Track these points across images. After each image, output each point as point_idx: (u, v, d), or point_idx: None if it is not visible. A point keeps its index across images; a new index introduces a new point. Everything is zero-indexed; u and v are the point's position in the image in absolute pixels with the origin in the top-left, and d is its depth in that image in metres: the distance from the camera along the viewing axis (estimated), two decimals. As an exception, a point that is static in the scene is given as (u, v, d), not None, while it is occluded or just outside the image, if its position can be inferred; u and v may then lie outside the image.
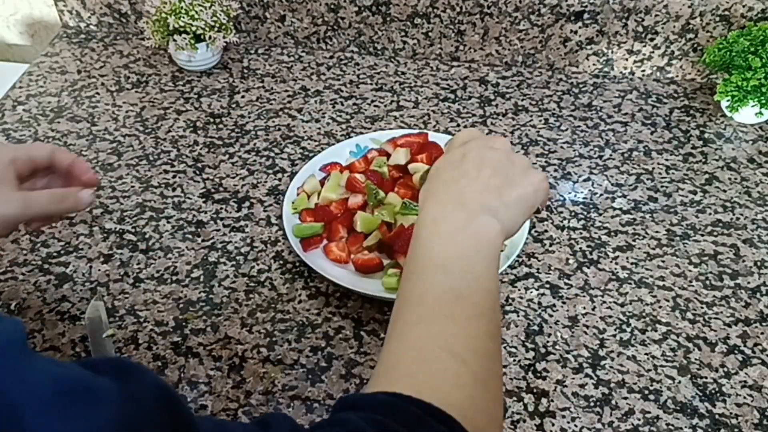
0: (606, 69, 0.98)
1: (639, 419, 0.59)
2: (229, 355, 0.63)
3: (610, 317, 0.67)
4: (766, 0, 0.87)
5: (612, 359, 0.63)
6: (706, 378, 0.62)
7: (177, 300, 0.68)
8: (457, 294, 0.43)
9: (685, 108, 0.93)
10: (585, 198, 0.80)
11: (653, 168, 0.84)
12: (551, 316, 0.67)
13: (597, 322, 0.67)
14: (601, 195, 0.80)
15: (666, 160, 0.85)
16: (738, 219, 0.77)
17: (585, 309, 0.68)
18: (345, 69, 1.00)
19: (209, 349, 0.64)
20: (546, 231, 0.76)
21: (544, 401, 0.60)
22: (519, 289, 0.69)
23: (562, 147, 0.87)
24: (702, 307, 0.68)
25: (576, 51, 0.97)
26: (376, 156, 0.78)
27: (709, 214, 0.78)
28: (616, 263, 0.72)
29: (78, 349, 0.64)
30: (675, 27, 0.92)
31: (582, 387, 0.61)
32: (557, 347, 0.64)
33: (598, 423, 0.59)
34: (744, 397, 0.61)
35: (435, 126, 0.90)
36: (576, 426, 0.58)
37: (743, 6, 0.88)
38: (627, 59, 0.97)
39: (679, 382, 0.62)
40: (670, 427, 0.58)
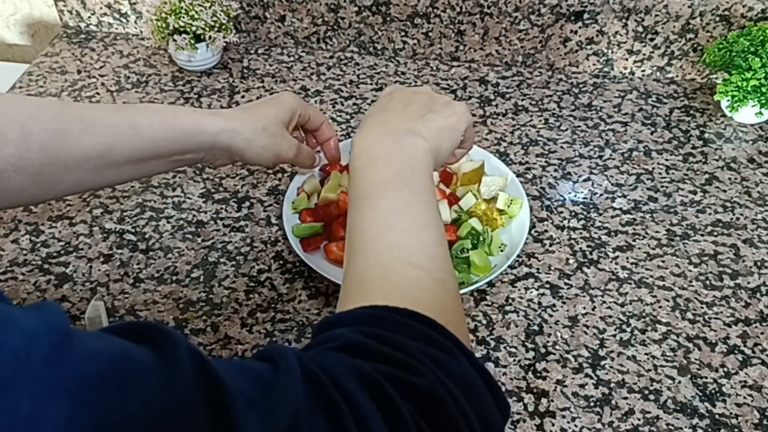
0: (606, 69, 0.98)
1: (639, 419, 0.59)
2: (230, 355, 0.63)
3: (610, 317, 0.67)
4: (766, 0, 0.87)
5: (612, 359, 0.63)
6: (706, 378, 0.62)
7: (177, 300, 0.68)
8: (401, 209, 0.47)
9: (685, 108, 0.93)
10: (585, 198, 0.80)
11: (653, 168, 0.84)
12: (551, 316, 0.67)
13: (597, 322, 0.67)
14: (601, 195, 0.80)
15: (666, 160, 0.85)
16: (738, 219, 0.77)
17: (585, 309, 0.68)
18: (345, 69, 1.00)
19: (209, 349, 0.64)
20: (546, 231, 0.76)
21: (544, 401, 0.60)
22: (519, 289, 0.69)
23: (562, 147, 0.87)
24: (702, 307, 0.68)
25: (576, 51, 0.97)
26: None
27: (709, 214, 0.78)
28: (616, 263, 0.72)
29: (78, 349, 0.64)
30: (675, 27, 0.92)
31: (582, 387, 0.61)
32: (557, 347, 0.64)
33: (598, 423, 0.59)
34: (744, 397, 0.61)
35: (435, 126, 0.89)
36: (576, 426, 0.58)
37: (743, 6, 0.88)
38: (627, 59, 0.97)
39: (679, 382, 0.62)
40: (670, 427, 0.58)
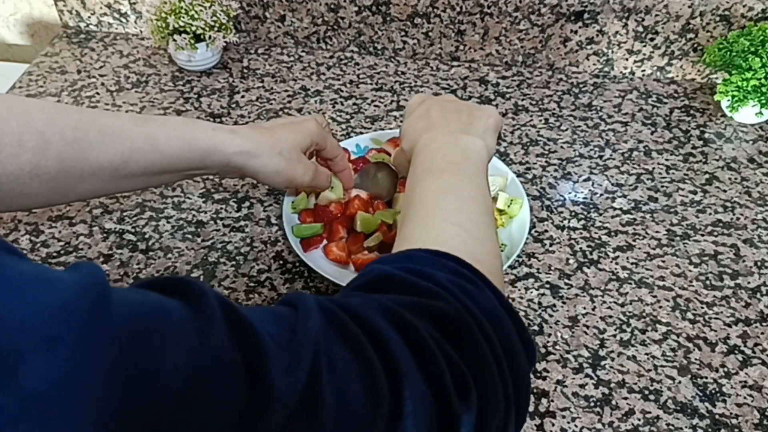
0: (606, 69, 0.98)
1: (639, 419, 0.59)
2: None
3: (610, 317, 0.67)
4: (766, 0, 0.87)
5: (612, 359, 0.63)
6: (706, 378, 0.62)
7: (177, 300, 0.68)
8: (452, 187, 0.51)
9: (685, 108, 0.93)
10: (585, 198, 0.80)
11: (653, 168, 0.84)
12: (551, 316, 0.67)
13: (597, 322, 0.67)
14: (602, 195, 0.80)
15: (666, 160, 0.85)
16: (738, 219, 0.77)
17: (585, 309, 0.68)
18: (345, 69, 1.00)
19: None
20: (546, 231, 0.76)
21: (544, 401, 0.60)
22: (519, 289, 0.69)
23: (562, 147, 0.87)
24: (702, 307, 0.68)
25: (576, 51, 0.97)
26: (375, 155, 0.78)
27: (710, 214, 0.78)
28: (616, 263, 0.72)
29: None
30: (675, 27, 0.92)
31: (582, 387, 0.61)
32: (557, 347, 0.64)
33: (598, 423, 0.59)
34: (744, 398, 0.60)
35: (435, 126, 0.89)
36: (576, 426, 0.58)
37: (743, 6, 0.88)
38: (627, 59, 0.97)
39: (679, 382, 0.62)
40: (670, 427, 0.58)
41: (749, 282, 0.70)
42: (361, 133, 0.85)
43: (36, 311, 0.22)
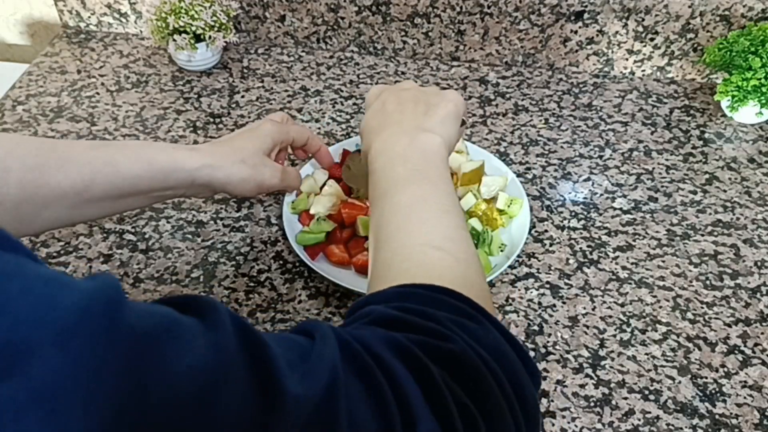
0: (606, 69, 0.98)
1: (639, 419, 0.59)
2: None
3: (610, 317, 0.67)
4: (766, 0, 0.87)
5: (612, 359, 0.63)
6: (706, 378, 0.62)
7: (177, 300, 0.68)
8: (421, 200, 0.49)
9: (685, 108, 0.93)
10: (585, 198, 0.80)
11: (653, 168, 0.84)
12: (551, 316, 0.67)
13: (597, 322, 0.67)
14: (601, 195, 0.80)
15: (666, 160, 0.85)
16: (738, 219, 0.77)
17: (585, 309, 0.68)
18: (345, 69, 1.00)
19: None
20: (546, 231, 0.76)
21: (544, 401, 0.60)
22: (519, 289, 0.69)
23: (562, 147, 0.87)
24: (702, 307, 0.68)
25: (576, 51, 0.97)
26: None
27: (710, 214, 0.78)
28: (616, 263, 0.72)
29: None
30: (675, 27, 0.92)
31: (582, 387, 0.61)
32: (557, 347, 0.64)
33: (598, 423, 0.59)
34: (744, 397, 0.61)
35: (435, 126, 0.89)
36: (576, 426, 0.58)
37: (743, 6, 0.88)
38: (627, 59, 0.97)
39: (680, 382, 0.62)
40: (670, 427, 0.58)
41: (749, 282, 0.70)
42: (361, 133, 0.85)
43: (51, 308, 0.23)
